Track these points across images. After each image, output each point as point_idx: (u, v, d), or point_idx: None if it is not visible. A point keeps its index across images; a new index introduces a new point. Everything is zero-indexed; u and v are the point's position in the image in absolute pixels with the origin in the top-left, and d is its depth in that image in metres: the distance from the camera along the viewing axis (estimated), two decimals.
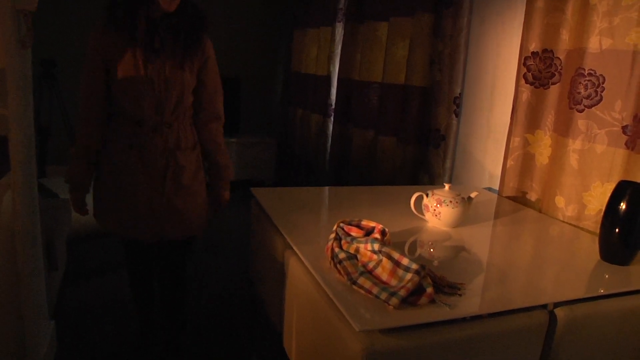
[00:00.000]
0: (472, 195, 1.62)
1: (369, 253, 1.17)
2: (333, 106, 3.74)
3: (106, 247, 3.15)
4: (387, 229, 1.27)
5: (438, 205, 1.55)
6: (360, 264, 1.16)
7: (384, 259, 1.13)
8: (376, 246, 1.15)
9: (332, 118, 3.75)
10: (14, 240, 1.58)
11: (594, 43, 1.70)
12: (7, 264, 1.52)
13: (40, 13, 1.82)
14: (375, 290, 1.06)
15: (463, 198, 1.57)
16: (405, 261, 1.11)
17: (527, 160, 2.01)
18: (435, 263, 1.33)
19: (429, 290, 1.06)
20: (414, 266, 1.09)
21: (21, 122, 1.64)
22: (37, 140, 2.21)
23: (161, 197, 1.77)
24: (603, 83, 1.69)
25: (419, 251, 1.44)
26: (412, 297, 1.05)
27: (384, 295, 1.04)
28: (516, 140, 2.03)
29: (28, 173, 1.72)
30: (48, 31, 4.24)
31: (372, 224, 1.30)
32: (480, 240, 1.59)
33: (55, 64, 4.21)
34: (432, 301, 1.06)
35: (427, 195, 1.60)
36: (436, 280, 1.14)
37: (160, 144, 1.74)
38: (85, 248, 3.13)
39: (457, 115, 2.47)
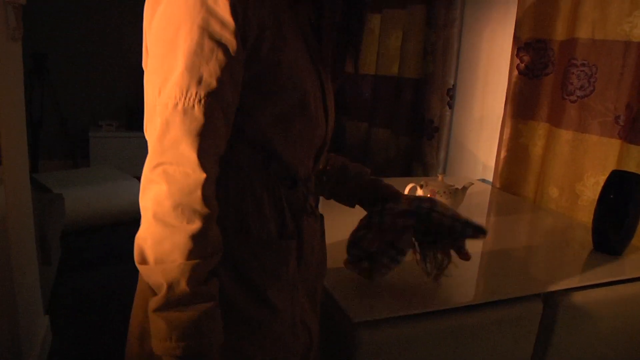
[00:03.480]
0: (466, 185, 1.62)
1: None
2: None
3: (100, 239, 3.15)
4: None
5: (432, 196, 1.55)
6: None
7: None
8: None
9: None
10: (7, 235, 1.58)
11: (587, 33, 1.70)
12: (0, 258, 1.51)
13: (30, 5, 1.80)
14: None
15: (457, 189, 1.57)
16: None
17: (520, 151, 2.02)
18: None
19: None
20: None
21: (12, 116, 1.63)
22: (29, 134, 2.18)
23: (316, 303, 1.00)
24: (596, 73, 1.70)
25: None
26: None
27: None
28: (509, 132, 2.03)
29: (20, 167, 1.71)
30: (39, 24, 4.21)
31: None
32: None
33: (47, 57, 4.18)
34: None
35: (420, 186, 1.60)
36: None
37: (317, 212, 1.00)
38: (80, 241, 3.12)
39: (450, 107, 2.47)
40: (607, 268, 1.33)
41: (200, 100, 0.71)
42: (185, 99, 0.71)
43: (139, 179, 0.78)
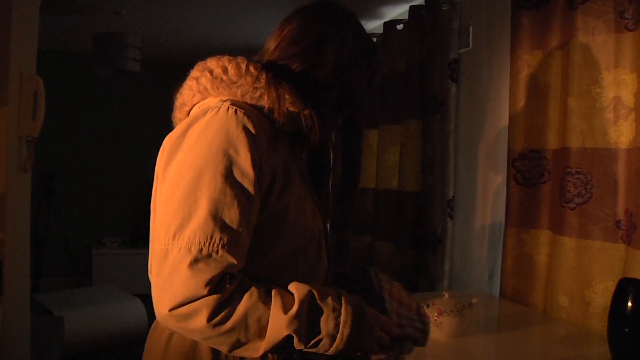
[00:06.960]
0: (473, 301, 1.59)
1: None
2: None
3: None
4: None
5: (439, 316, 1.52)
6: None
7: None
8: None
9: (328, 225, 3.76)
10: None
11: (578, 142, 1.75)
12: None
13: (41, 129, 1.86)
14: None
15: (464, 306, 1.54)
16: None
17: (525, 260, 1.99)
18: None
19: None
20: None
21: (17, 244, 1.64)
22: (32, 252, 2.16)
23: None
24: (591, 180, 1.72)
25: None
26: None
27: None
28: (512, 241, 2.02)
29: (20, 294, 1.69)
30: (48, 146, 4.37)
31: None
32: (486, 349, 1.54)
33: (54, 177, 4.29)
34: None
35: (427, 306, 1.57)
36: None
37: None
38: None
39: (451, 218, 2.48)
40: None
41: (224, 246, 0.74)
42: (209, 244, 0.73)
43: (141, 296, 0.79)
